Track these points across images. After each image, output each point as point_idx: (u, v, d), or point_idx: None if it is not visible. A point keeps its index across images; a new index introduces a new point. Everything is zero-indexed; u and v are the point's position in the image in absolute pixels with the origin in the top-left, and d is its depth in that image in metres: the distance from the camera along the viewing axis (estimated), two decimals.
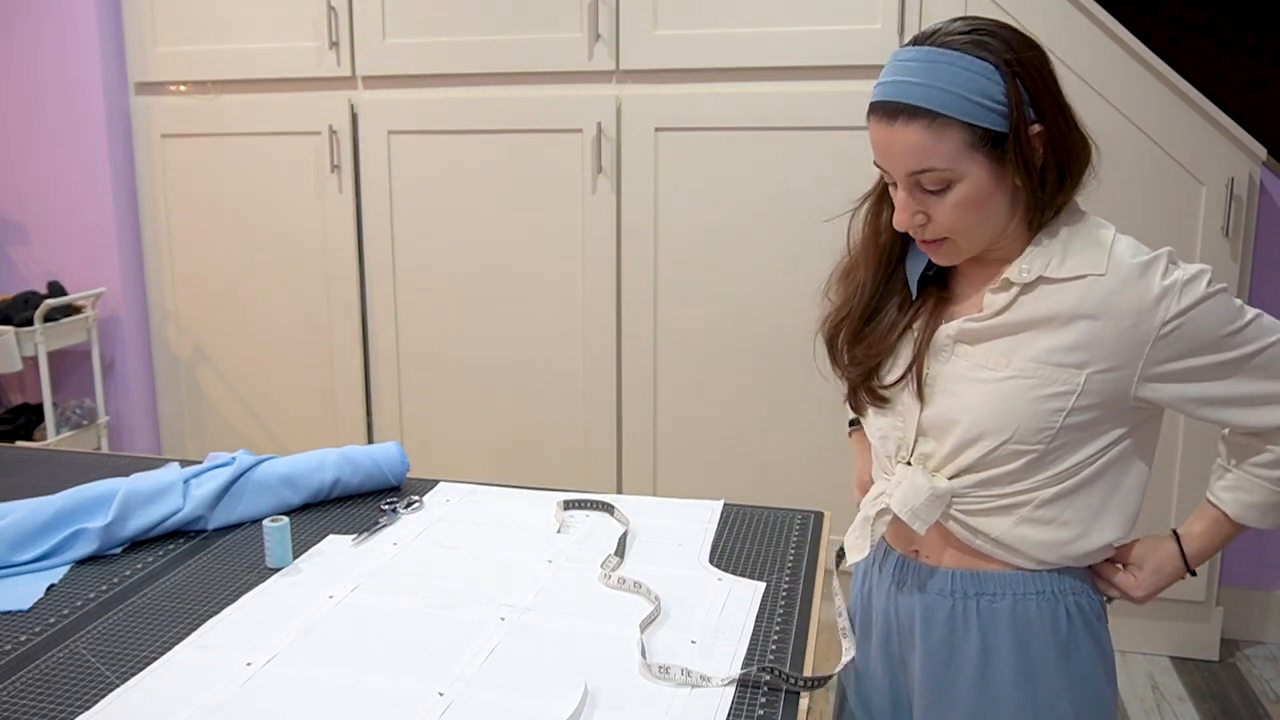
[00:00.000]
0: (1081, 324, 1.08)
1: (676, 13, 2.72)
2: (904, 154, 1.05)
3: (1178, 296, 1.07)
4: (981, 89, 1.03)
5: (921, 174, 1.06)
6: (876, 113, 1.07)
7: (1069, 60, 2.50)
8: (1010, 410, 1.10)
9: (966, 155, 1.05)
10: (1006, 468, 1.13)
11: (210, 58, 3.09)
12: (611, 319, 2.91)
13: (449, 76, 2.92)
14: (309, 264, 3.13)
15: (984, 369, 1.12)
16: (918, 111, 1.03)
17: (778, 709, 1.08)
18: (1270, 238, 2.69)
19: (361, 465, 1.69)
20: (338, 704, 1.08)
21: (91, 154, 3.19)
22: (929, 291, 1.20)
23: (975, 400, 1.12)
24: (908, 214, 1.09)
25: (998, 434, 1.11)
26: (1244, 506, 1.15)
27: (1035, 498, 1.14)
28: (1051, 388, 1.09)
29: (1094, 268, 1.09)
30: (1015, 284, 1.11)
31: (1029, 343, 1.10)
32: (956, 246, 1.12)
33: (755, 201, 2.75)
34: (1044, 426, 1.10)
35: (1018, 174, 1.07)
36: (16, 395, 3.45)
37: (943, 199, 1.07)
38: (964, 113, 1.03)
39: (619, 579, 1.34)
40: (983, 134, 1.04)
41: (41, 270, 3.31)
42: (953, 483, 1.15)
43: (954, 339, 1.15)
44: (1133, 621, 2.75)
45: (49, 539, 1.45)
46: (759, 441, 2.88)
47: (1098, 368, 1.08)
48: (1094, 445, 1.12)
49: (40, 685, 1.13)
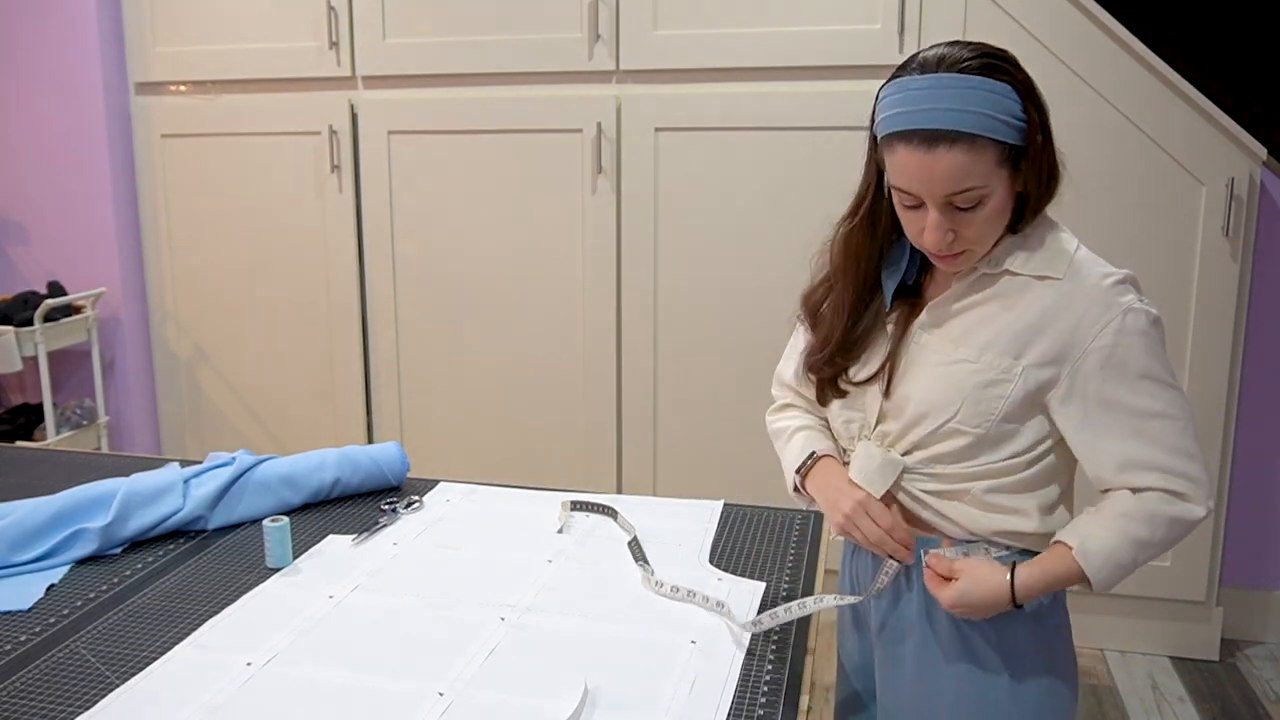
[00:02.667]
0: (1030, 319, 1.14)
1: (676, 13, 2.72)
2: (945, 178, 1.09)
3: (1122, 317, 1.12)
4: (1007, 109, 1.09)
5: (959, 194, 1.10)
6: (909, 140, 1.09)
7: (1069, 60, 2.51)
8: (955, 391, 1.16)
9: (997, 171, 1.10)
10: (950, 446, 1.18)
11: (210, 58, 3.08)
12: (611, 319, 2.91)
13: (449, 76, 2.92)
14: (309, 264, 3.13)
15: (937, 353, 1.19)
16: (959, 136, 1.07)
17: (778, 709, 1.08)
18: (1270, 238, 2.69)
19: (361, 465, 1.69)
20: (338, 704, 1.08)
21: (91, 154, 3.19)
22: (901, 299, 1.25)
23: (926, 380, 1.19)
24: (939, 233, 1.12)
25: (942, 412, 1.17)
26: (1083, 539, 1.14)
27: (981, 484, 1.18)
28: (992, 374, 1.15)
29: (1054, 271, 1.15)
30: (980, 271, 1.18)
31: (979, 330, 1.17)
32: (973, 255, 1.16)
33: (755, 201, 2.75)
34: (985, 410, 1.15)
35: (1030, 183, 1.13)
36: (16, 395, 3.45)
37: (974, 215, 1.11)
38: (997, 132, 1.08)
39: (671, 587, 1.33)
40: (1009, 150, 1.10)
41: (41, 270, 3.31)
42: (905, 458, 1.21)
43: (919, 327, 1.22)
44: (1133, 622, 2.75)
45: (49, 539, 1.45)
46: (759, 441, 2.88)
47: (1034, 361, 1.14)
48: (1034, 435, 1.17)
49: (40, 685, 1.13)
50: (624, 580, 1.38)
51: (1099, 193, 2.54)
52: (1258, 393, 2.76)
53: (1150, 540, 1.13)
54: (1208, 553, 2.66)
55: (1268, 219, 2.67)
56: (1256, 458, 2.79)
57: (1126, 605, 2.74)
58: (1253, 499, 2.81)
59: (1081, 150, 2.54)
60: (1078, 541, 1.14)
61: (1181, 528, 1.14)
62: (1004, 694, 1.21)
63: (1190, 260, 2.55)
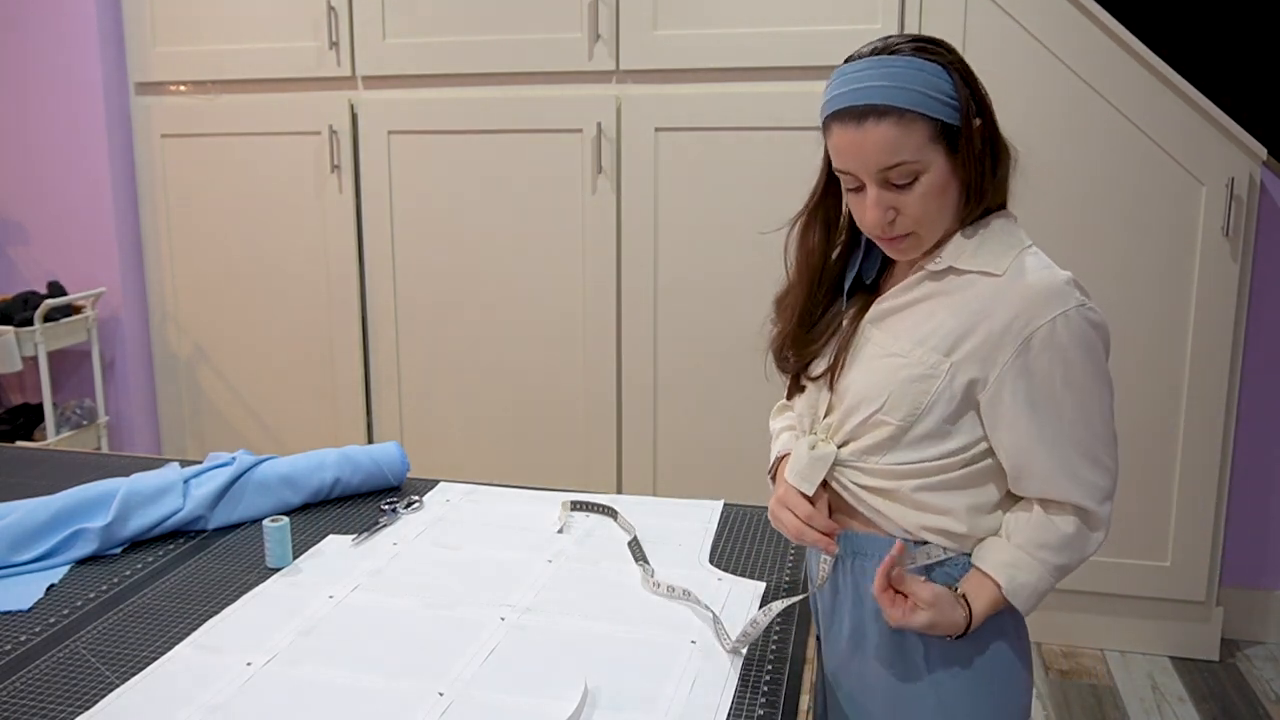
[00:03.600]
0: (964, 316, 1.14)
1: (676, 13, 2.72)
2: (877, 151, 1.10)
3: (1053, 320, 1.10)
4: (937, 86, 1.11)
5: (892, 169, 1.11)
6: (842, 119, 1.13)
7: (1069, 60, 2.51)
8: (883, 383, 1.17)
9: (930, 147, 1.11)
10: (876, 437, 1.18)
11: (210, 58, 3.09)
12: (611, 319, 2.91)
13: (449, 76, 2.92)
14: (309, 264, 3.13)
15: (877, 346, 1.20)
16: (887, 110, 1.09)
17: (778, 709, 1.08)
18: (1270, 238, 2.69)
19: (361, 465, 1.69)
20: (338, 704, 1.08)
21: (91, 154, 3.19)
22: (859, 296, 1.27)
23: (862, 373, 1.20)
24: (879, 210, 1.13)
25: (870, 403, 1.17)
26: (1011, 578, 1.15)
27: (910, 482, 1.17)
28: (920, 369, 1.15)
29: (995, 267, 1.14)
30: (925, 268, 1.18)
31: (919, 326, 1.17)
32: (919, 239, 1.16)
33: (755, 201, 2.75)
34: (911, 404, 1.15)
35: (967, 163, 1.14)
36: (16, 395, 3.45)
37: (910, 192, 1.12)
38: (926, 107, 1.10)
39: (668, 588, 1.33)
40: (942, 127, 1.11)
41: (41, 270, 3.31)
42: (837, 451, 1.21)
43: (867, 322, 1.23)
44: (1133, 622, 2.75)
45: (49, 539, 1.45)
46: (759, 441, 2.88)
47: (963, 358, 1.13)
48: (969, 437, 1.16)
49: (40, 685, 1.13)
50: (624, 580, 1.38)
51: (1099, 193, 2.54)
52: (1258, 393, 2.76)
53: (1068, 566, 1.17)
54: (1208, 553, 2.66)
55: (1268, 219, 2.67)
56: (1256, 458, 2.79)
57: (1126, 605, 2.75)
58: (1253, 499, 2.81)
59: (1081, 150, 2.54)
60: (1006, 580, 1.14)
61: (1082, 556, 1.17)
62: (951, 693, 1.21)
63: (1190, 260, 2.55)
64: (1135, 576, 2.71)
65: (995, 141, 1.16)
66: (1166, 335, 2.59)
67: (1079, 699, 2.57)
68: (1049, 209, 2.54)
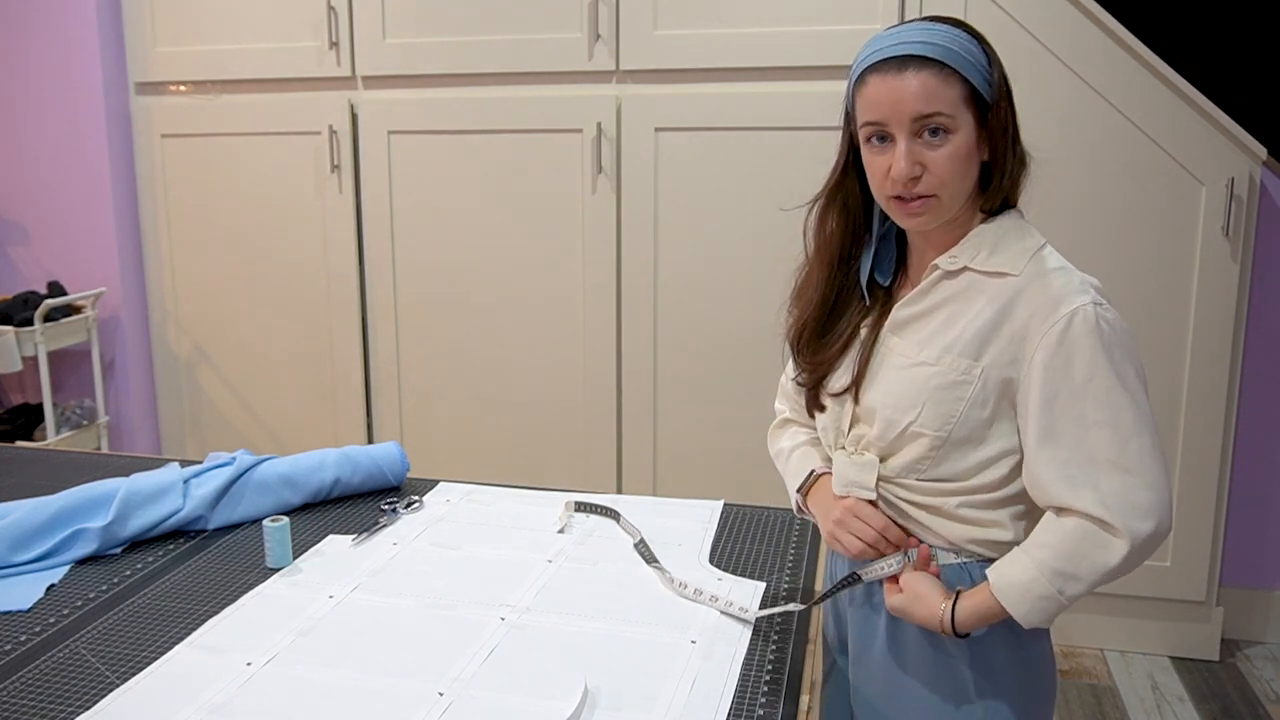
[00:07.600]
0: (987, 319, 1.13)
1: (676, 13, 2.72)
2: (915, 98, 1.10)
3: (1069, 318, 1.08)
4: (974, 55, 1.13)
5: (928, 118, 1.11)
6: (881, 69, 1.13)
7: (1069, 60, 2.50)
8: (915, 394, 1.15)
9: (963, 108, 1.12)
10: (916, 450, 1.16)
11: (210, 58, 3.08)
12: (611, 319, 2.91)
13: (449, 76, 2.92)
14: (309, 264, 3.13)
15: (901, 356, 1.18)
16: (927, 62, 1.11)
17: (778, 709, 1.08)
18: (1270, 238, 2.69)
19: (361, 465, 1.69)
20: (338, 704, 1.08)
21: (91, 154, 3.19)
22: (878, 296, 1.25)
23: (890, 384, 1.18)
24: (908, 162, 1.12)
25: (905, 415, 1.16)
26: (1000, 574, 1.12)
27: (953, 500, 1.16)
28: (951, 375, 1.14)
29: (1013, 268, 1.14)
30: (940, 269, 1.17)
31: (942, 331, 1.16)
32: (939, 205, 1.14)
33: (755, 201, 2.75)
34: (947, 413, 1.14)
35: (993, 139, 1.14)
36: (16, 395, 3.45)
37: (940, 150, 1.12)
38: (965, 68, 1.11)
39: (695, 590, 1.32)
40: (975, 92, 1.12)
41: (41, 270, 3.31)
42: (881, 463, 1.20)
43: (887, 330, 1.21)
44: (1133, 622, 2.75)
45: (49, 539, 1.45)
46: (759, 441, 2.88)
47: (992, 362, 1.12)
48: (1004, 445, 1.14)
49: (40, 685, 1.13)
50: (624, 580, 1.38)
51: (1099, 193, 2.54)
52: (1258, 393, 2.76)
53: (1075, 575, 1.08)
54: (1208, 553, 2.66)
55: (1268, 219, 2.67)
56: (1256, 458, 2.79)
57: (1126, 605, 2.74)
58: (1253, 499, 2.81)
59: (1082, 150, 2.54)
60: (995, 576, 1.12)
61: (1102, 572, 1.08)
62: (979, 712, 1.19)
63: (1190, 260, 2.55)
64: (1135, 576, 2.71)
65: (1017, 132, 1.17)
66: (1166, 335, 2.59)
67: (1079, 699, 2.57)
68: (1049, 209, 2.53)
